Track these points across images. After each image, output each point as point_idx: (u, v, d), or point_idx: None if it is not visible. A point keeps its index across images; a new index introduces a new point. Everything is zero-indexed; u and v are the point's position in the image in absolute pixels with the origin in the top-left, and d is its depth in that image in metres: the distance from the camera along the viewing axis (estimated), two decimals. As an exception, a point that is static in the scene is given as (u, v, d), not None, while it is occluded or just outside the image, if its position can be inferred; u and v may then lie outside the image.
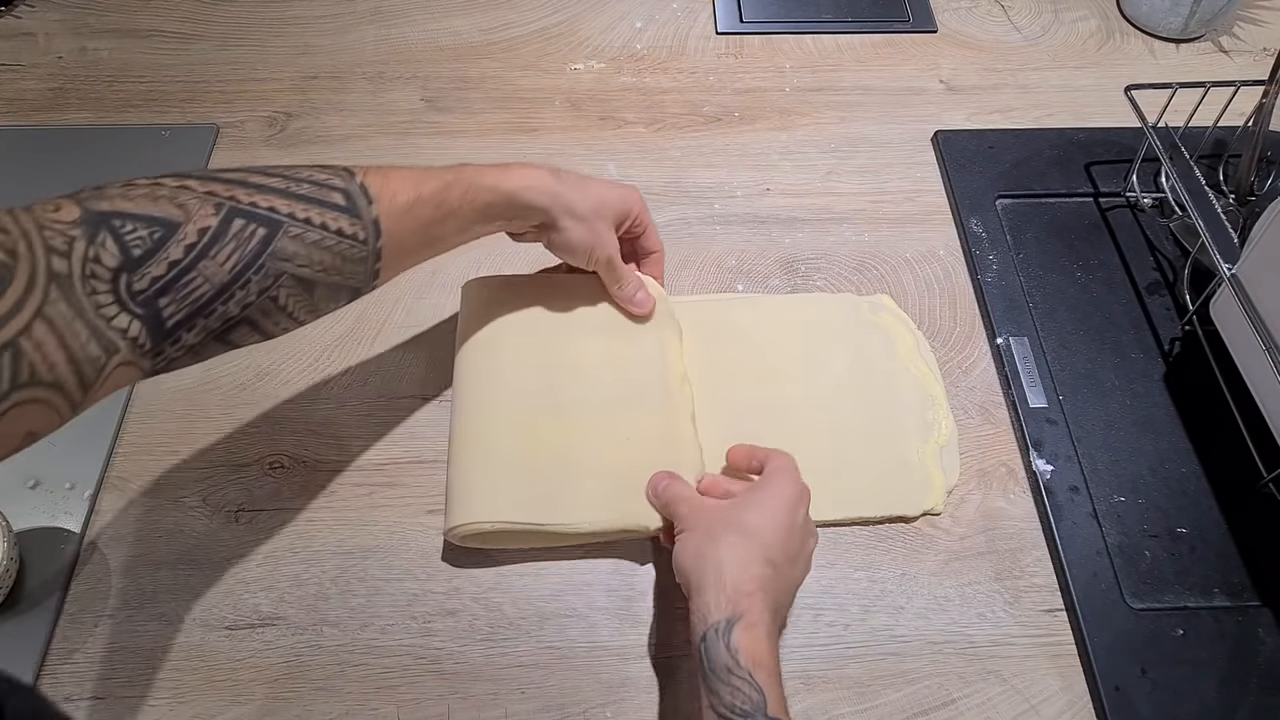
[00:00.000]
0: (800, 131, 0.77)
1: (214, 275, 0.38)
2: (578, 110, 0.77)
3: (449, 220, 0.48)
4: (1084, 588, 0.53)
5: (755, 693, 0.40)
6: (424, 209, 0.46)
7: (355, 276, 0.44)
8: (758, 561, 0.44)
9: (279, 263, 0.40)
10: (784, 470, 0.50)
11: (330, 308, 0.45)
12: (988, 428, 0.60)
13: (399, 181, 0.46)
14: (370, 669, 0.51)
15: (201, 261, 0.37)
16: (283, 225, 0.40)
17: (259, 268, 0.39)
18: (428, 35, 0.83)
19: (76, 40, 0.81)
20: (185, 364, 0.40)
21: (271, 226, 0.40)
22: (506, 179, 0.50)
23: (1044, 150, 0.74)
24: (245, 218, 0.39)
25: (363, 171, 0.45)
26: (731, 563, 0.44)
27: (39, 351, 0.31)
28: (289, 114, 0.76)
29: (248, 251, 0.39)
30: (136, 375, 0.37)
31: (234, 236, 0.38)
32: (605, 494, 0.54)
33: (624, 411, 0.57)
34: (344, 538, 0.55)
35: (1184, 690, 0.50)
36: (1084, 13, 0.87)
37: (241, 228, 0.39)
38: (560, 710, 0.50)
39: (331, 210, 0.42)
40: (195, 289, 0.37)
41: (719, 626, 0.42)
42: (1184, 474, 0.58)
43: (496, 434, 0.55)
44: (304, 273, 0.41)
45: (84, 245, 0.34)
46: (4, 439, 0.31)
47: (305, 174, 0.43)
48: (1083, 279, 0.67)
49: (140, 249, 0.36)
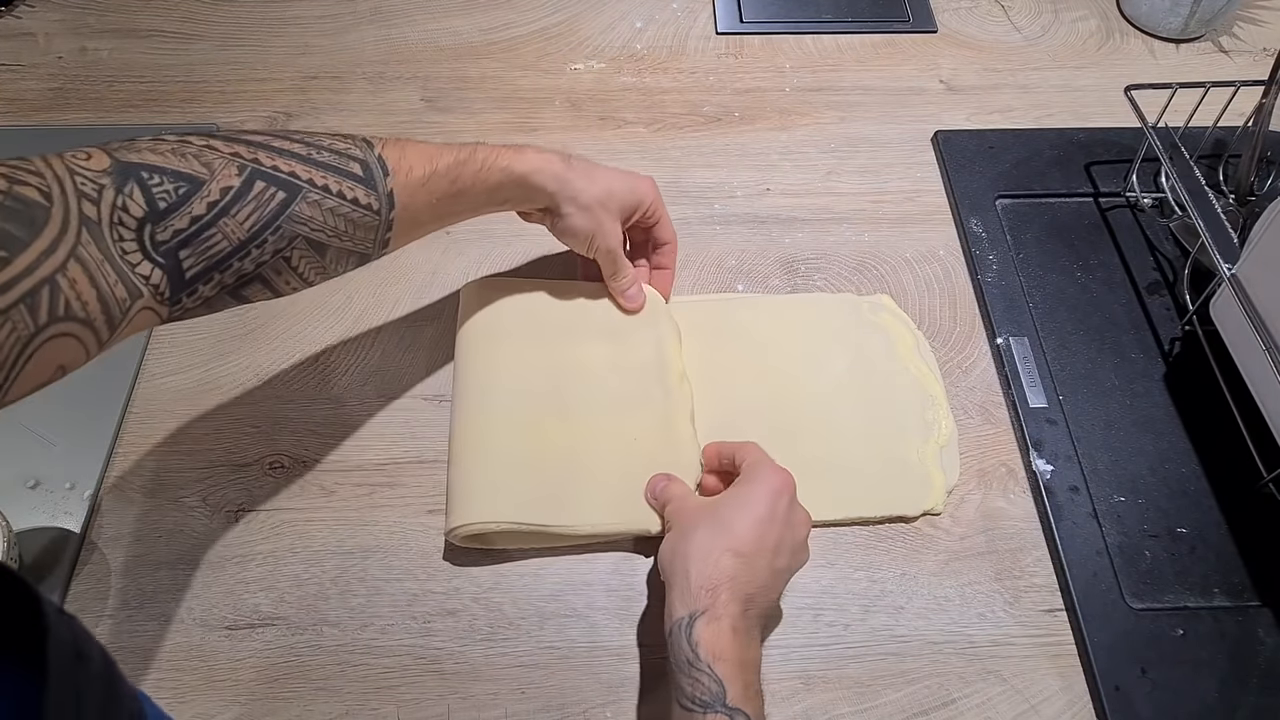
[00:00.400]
0: (800, 131, 0.77)
1: (233, 232, 0.39)
2: (578, 110, 0.77)
3: (461, 197, 0.50)
4: (1084, 588, 0.53)
5: (715, 684, 0.40)
6: (438, 184, 0.48)
7: (365, 243, 0.46)
8: (724, 554, 0.44)
9: (295, 225, 0.42)
10: (758, 464, 0.50)
11: (338, 271, 0.46)
12: (988, 428, 0.60)
13: (415, 155, 0.47)
14: (370, 669, 0.51)
15: (222, 219, 0.39)
16: (301, 190, 0.42)
17: (276, 228, 0.41)
18: (428, 35, 0.83)
19: (76, 40, 0.81)
20: (199, 314, 0.41)
21: (291, 190, 0.41)
22: (519, 161, 0.51)
23: (1044, 150, 0.74)
24: (266, 180, 0.41)
25: (381, 143, 0.46)
26: (698, 558, 0.44)
27: (73, 289, 0.33)
28: (289, 114, 0.76)
29: (266, 212, 0.40)
30: (155, 320, 0.39)
31: (255, 197, 0.40)
32: (608, 496, 0.54)
33: (625, 413, 0.57)
34: (344, 538, 0.55)
35: (1184, 690, 0.50)
36: (1084, 13, 0.87)
37: (262, 189, 0.40)
38: (560, 710, 0.50)
39: (349, 179, 0.44)
40: (214, 244, 0.39)
41: (682, 622, 0.43)
42: (1184, 474, 0.58)
43: (498, 434, 0.55)
44: (318, 236, 0.43)
45: (112, 194, 0.36)
46: (38, 370, 0.32)
47: (326, 142, 0.44)
48: (1083, 279, 0.67)
49: (165, 202, 0.37)
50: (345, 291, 0.65)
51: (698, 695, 0.41)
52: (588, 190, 0.54)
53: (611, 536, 0.54)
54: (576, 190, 0.54)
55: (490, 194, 0.51)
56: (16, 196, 0.32)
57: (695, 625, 0.42)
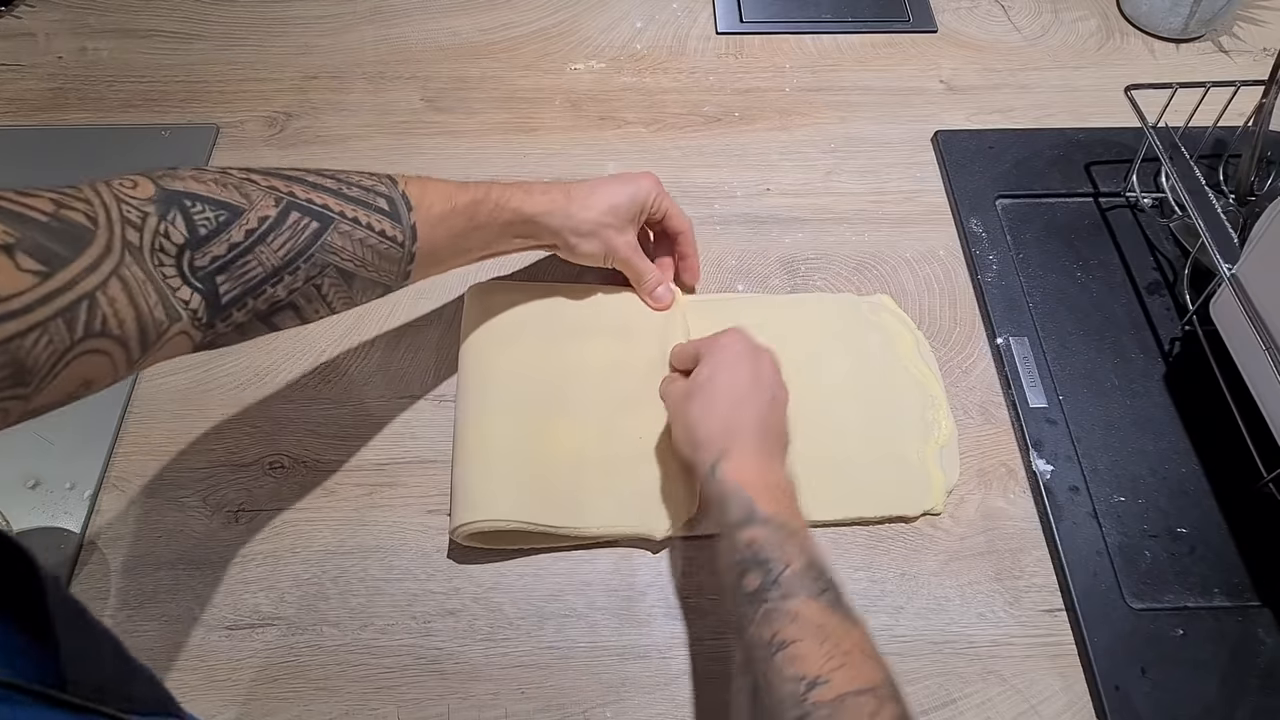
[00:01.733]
0: (800, 131, 0.77)
1: (268, 260, 0.41)
2: (578, 110, 0.77)
3: (476, 233, 0.53)
4: (1084, 588, 0.53)
5: (741, 503, 0.44)
6: (456, 220, 0.51)
7: (389, 274, 0.48)
8: (718, 408, 0.49)
9: (326, 254, 0.44)
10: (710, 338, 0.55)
11: (363, 300, 0.49)
12: (988, 428, 0.60)
13: (436, 193, 0.50)
14: (370, 669, 0.51)
15: (259, 246, 0.41)
16: (333, 222, 0.44)
17: (309, 257, 0.43)
18: (428, 35, 0.83)
19: (76, 40, 0.81)
20: (232, 341, 0.43)
21: (323, 221, 0.44)
22: (528, 203, 0.55)
23: (1044, 150, 0.74)
24: (301, 211, 0.43)
25: (404, 181, 0.49)
26: (699, 421, 0.49)
27: (112, 307, 0.34)
28: (289, 114, 0.76)
29: (301, 241, 0.43)
30: (188, 346, 0.40)
31: (290, 226, 0.42)
32: (614, 497, 0.54)
33: (629, 412, 0.57)
34: (344, 538, 0.55)
35: (1184, 690, 0.50)
36: (1084, 13, 0.87)
37: (297, 220, 0.43)
38: (560, 710, 0.50)
39: (376, 213, 0.46)
40: (250, 270, 0.41)
41: (708, 475, 0.46)
42: (1184, 474, 0.58)
43: (503, 434, 0.55)
44: (347, 266, 0.45)
45: (155, 220, 0.38)
46: (64, 383, 0.33)
47: (355, 179, 0.47)
48: (1083, 279, 0.67)
49: (206, 229, 0.39)
50: (345, 291, 0.65)
51: (731, 519, 0.44)
52: (588, 217, 0.57)
53: (616, 538, 0.54)
54: (578, 222, 0.57)
55: (502, 231, 0.55)
56: (63, 219, 0.33)
57: (718, 468, 0.46)
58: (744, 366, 0.51)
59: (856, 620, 0.40)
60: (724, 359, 0.51)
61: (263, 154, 0.73)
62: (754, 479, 0.45)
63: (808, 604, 0.40)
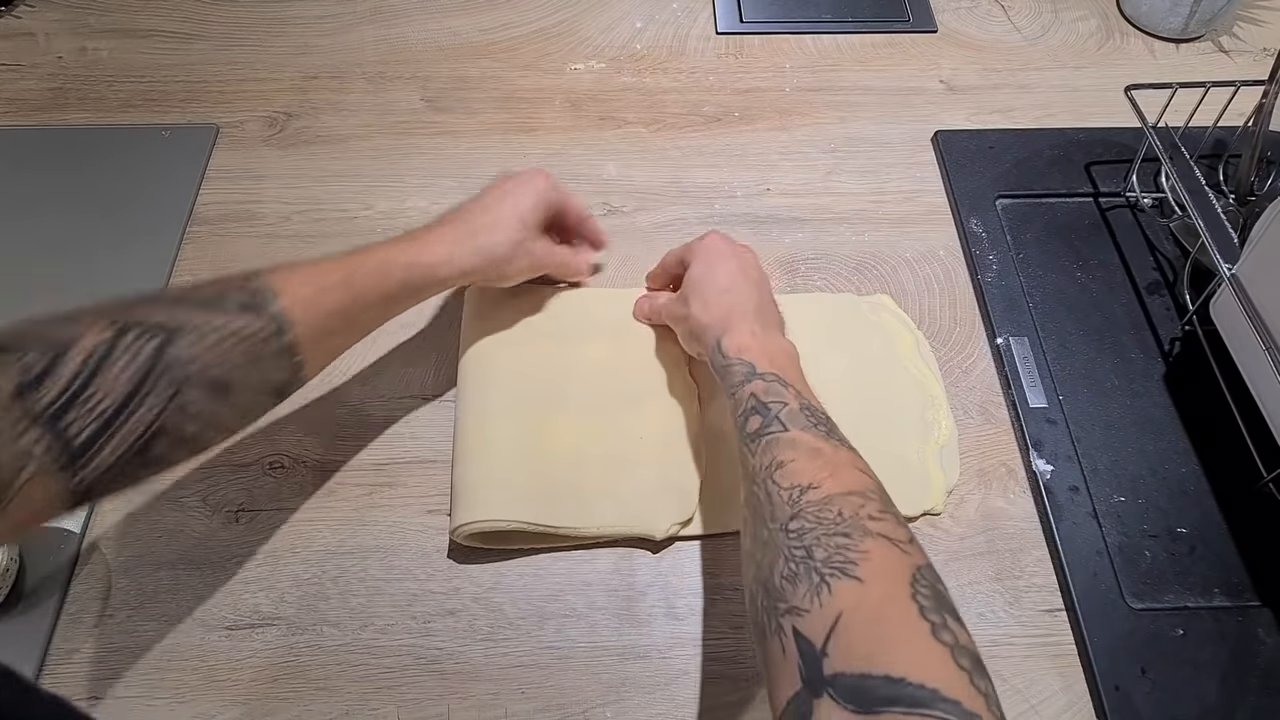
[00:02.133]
0: (800, 131, 0.77)
1: (112, 388, 0.38)
2: (578, 110, 0.77)
3: (363, 302, 0.48)
4: (1084, 588, 0.53)
5: (743, 367, 0.48)
6: (332, 295, 0.47)
7: (275, 371, 0.44)
8: (714, 295, 0.53)
9: (180, 368, 0.40)
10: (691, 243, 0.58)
11: (260, 406, 0.45)
12: (988, 428, 0.60)
13: (303, 274, 0.46)
14: (370, 669, 0.51)
15: (97, 377, 0.38)
16: (176, 332, 0.40)
17: (158, 375, 0.39)
18: (428, 35, 0.83)
19: (76, 40, 0.81)
20: (116, 486, 0.40)
21: (164, 335, 0.40)
22: (426, 252, 0.51)
23: (1044, 150, 0.74)
24: (135, 330, 0.40)
25: (265, 273, 0.45)
26: (699, 312, 0.53)
27: None
28: (289, 114, 0.76)
29: (142, 359, 0.39)
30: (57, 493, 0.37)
31: (125, 349, 0.39)
32: (614, 497, 0.54)
33: (629, 412, 0.57)
34: (344, 538, 0.55)
35: (1184, 690, 0.50)
36: (1084, 13, 0.87)
37: (133, 340, 0.39)
38: (560, 710, 0.50)
39: (228, 313, 0.42)
40: (96, 404, 0.38)
41: (713, 352, 0.51)
42: (1184, 474, 0.58)
43: (504, 433, 0.55)
44: (213, 374, 0.41)
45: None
46: None
47: (204, 286, 0.44)
48: (1083, 279, 0.67)
49: (35, 371, 0.37)
50: (345, 291, 0.65)
51: (734, 380, 0.48)
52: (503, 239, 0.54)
53: (616, 537, 0.54)
54: (493, 248, 0.54)
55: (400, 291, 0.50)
56: None
57: (721, 343, 0.50)
58: (731, 261, 0.55)
59: (850, 447, 0.44)
60: (711, 258, 0.55)
61: (263, 154, 0.73)
62: (753, 346, 0.49)
63: (802, 434, 0.44)
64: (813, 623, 0.35)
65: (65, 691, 0.49)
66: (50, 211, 0.69)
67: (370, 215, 0.70)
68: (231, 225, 0.69)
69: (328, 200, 0.71)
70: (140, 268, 0.66)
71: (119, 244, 0.68)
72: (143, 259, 0.67)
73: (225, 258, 0.67)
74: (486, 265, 0.54)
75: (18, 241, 0.68)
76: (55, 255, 0.67)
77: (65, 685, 0.50)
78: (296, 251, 0.67)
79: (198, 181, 0.71)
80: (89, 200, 0.70)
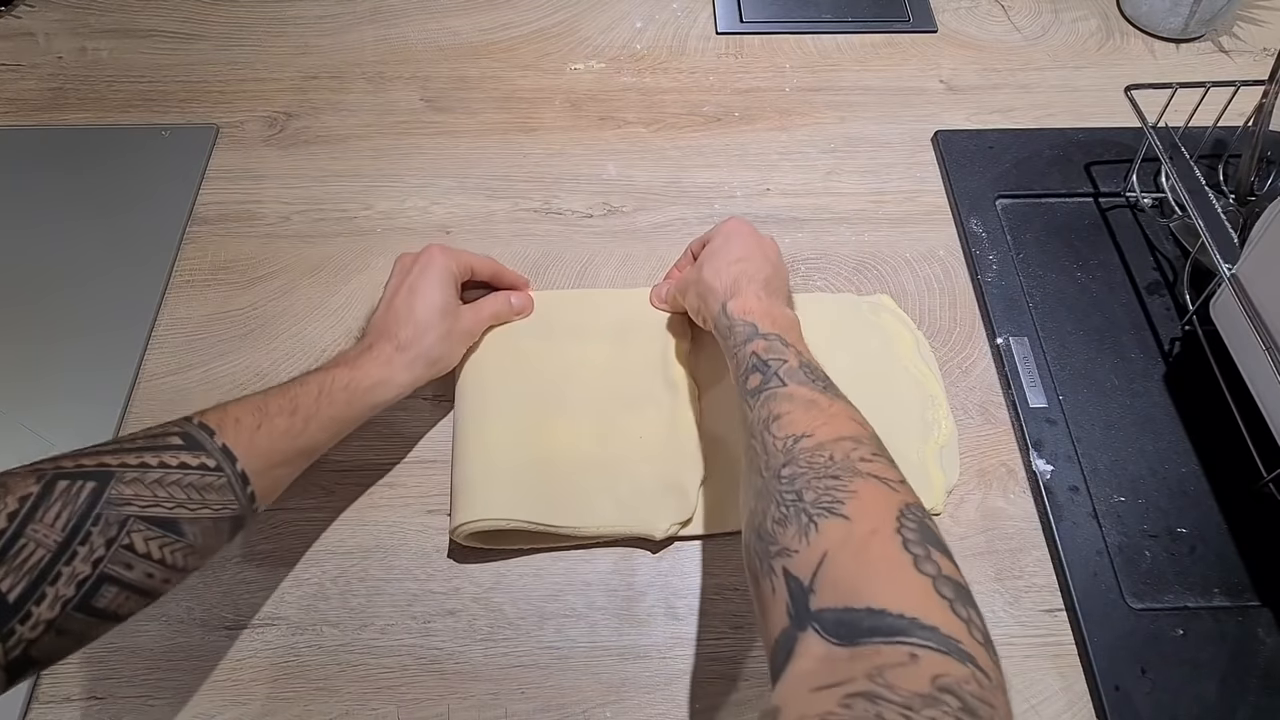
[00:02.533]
0: (800, 131, 0.77)
1: (46, 537, 0.36)
2: (578, 110, 0.77)
3: (311, 425, 0.47)
4: (1084, 588, 0.53)
5: (746, 327, 0.49)
6: (277, 422, 0.46)
7: (226, 504, 0.43)
8: (727, 264, 0.54)
9: (119, 508, 0.38)
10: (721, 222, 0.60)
11: (216, 541, 0.43)
12: (988, 428, 0.60)
13: (240, 408, 0.45)
14: (370, 669, 0.51)
15: (28, 526, 0.36)
16: (113, 474, 0.39)
17: (95, 518, 0.38)
18: (428, 35, 0.83)
19: (76, 40, 0.81)
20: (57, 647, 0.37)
21: (100, 478, 0.39)
22: (358, 375, 0.50)
23: (1044, 150, 0.74)
24: (69, 477, 0.38)
25: (198, 415, 0.44)
26: (710, 278, 0.54)
27: None
28: (289, 114, 0.76)
29: (79, 505, 0.37)
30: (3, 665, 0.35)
31: (59, 496, 0.37)
32: (614, 496, 0.54)
33: (629, 412, 0.57)
34: (344, 538, 0.55)
35: (1184, 690, 0.50)
36: (1084, 13, 0.87)
37: (66, 487, 0.38)
38: (560, 710, 0.50)
39: (168, 451, 0.41)
40: (28, 556, 0.36)
41: (719, 314, 0.52)
42: (1184, 474, 0.58)
43: (503, 433, 0.55)
44: (158, 513, 0.40)
45: None
46: None
47: (139, 434, 0.42)
48: (1083, 279, 0.67)
49: None
50: (345, 293, 0.65)
51: (736, 339, 0.49)
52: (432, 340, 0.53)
53: (616, 537, 0.54)
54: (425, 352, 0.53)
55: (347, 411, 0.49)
56: None
57: (727, 305, 0.51)
58: (749, 238, 0.57)
59: (846, 400, 0.44)
60: (730, 233, 0.57)
61: (263, 154, 0.73)
62: (757, 309, 0.50)
63: (800, 388, 0.44)
64: (801, 562, 0.36)
65: (66, 691, 0.50)
66: (50, 212, 0.69)
67: (370, 215, 0.70)
68: (231, 225, 0.69)
69: (328, 200, 0.71)
70: (140, 268, 0.66)
71: (119, 244, 0.68)
72: (143, 259, 0.67)
73: (225, 258, 0.67)
74: (426, 371, 0.53)
75: (18, 242, 0.68)
76: (55, 256, 0.67)
77: (65, 685, 0.50)
78: (296, 252, 0.67)
79: (197, 182, 0.71)
80: (89, 200, 0.70)
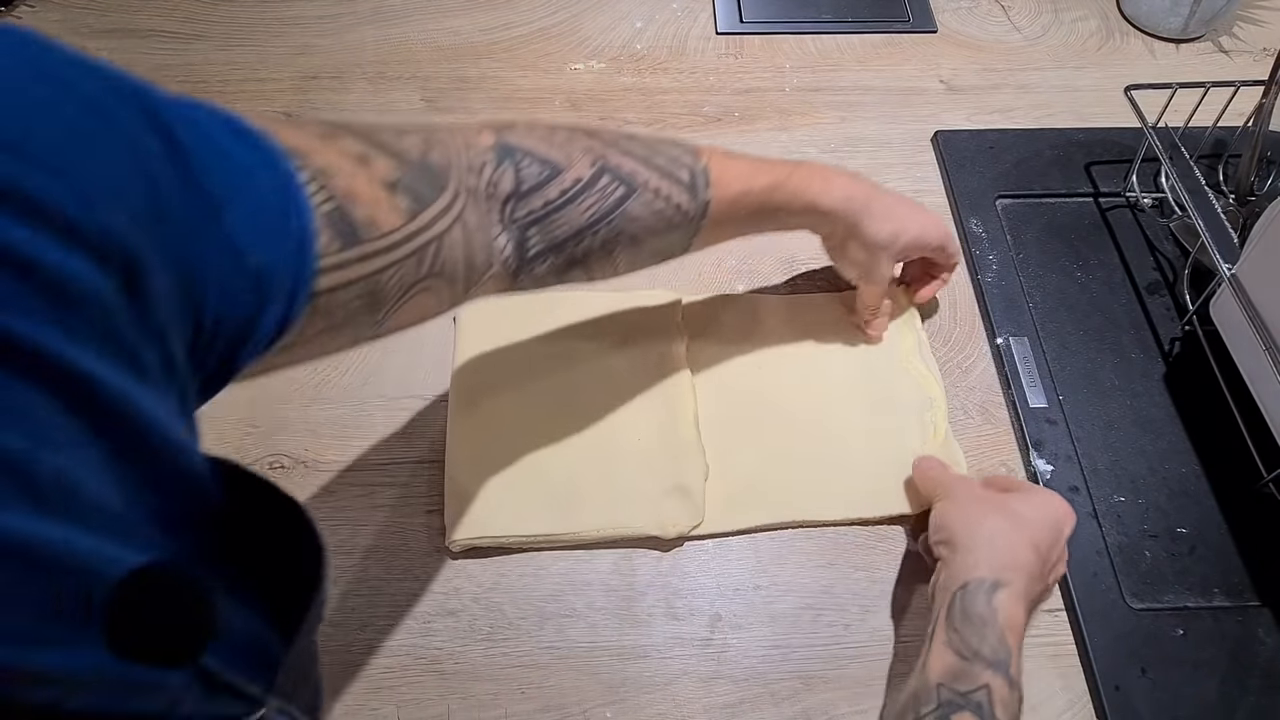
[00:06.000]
0: (800, 131, 0.77)
1: (575, 219, 0.42)
2: (578, 110, 0.77)
3: (764, 216, 0.52)
4: (1084, 588, 0.53)
5: (1004, 650, 0.43)
6: (749, 201, 0.50)
7: (674, 245, 0.49)
8: (1026, 546, 0.47)
9: (625, 222, 0.44)
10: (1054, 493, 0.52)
11: (643, 265, 0.49)
12: (988, 428, 0.60)
13: (736, 171, 0.49)
14: (370, 669, 0.51)
15: (569, 205, 0.42)
16: (637, 190, 0.44)
17: (610, 222, 0.43)
18: (428, 35, 0.83)
19: (76, 40, 0.81)
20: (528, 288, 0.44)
21: (629, 188, 0.44)
22: (825, 195, 0.53)
23: (1044, 150, 0.74)
24: (611, 175, 0.43)
25: (708, 154, 0.48)
26: (1003, 538, 0.47)
27: (451, 250, 0.36)
28: (289, 114, 0.76)
29: (606, 205, 0.43)
30: (498, 289, 0.42)
31: (599, 190, 0.43)
32: (613, 499, 0.54)
33: (629, 415, 0.57)
34: (344, 538, 0.55)
35: (1184, 690, 0.50)
36: (1084, 13, 0.87)
37: (606, 184, 0.43)
38: (560, 710, 0.50)
39: (676, 185, 0.46)
40: (558, 228, 0.42)
41: (984, 584, 0.45)
42: (1184, 474, 0.58)
43: (499, 438, 0.56)
44: (639, 233, 0.45)
45: (490, 170, 0.39)
46: (404, 315, 0.35)
47: (662, 148, 0.46)
48: (1083, 279, 0.67)
49: (528, 184, 0.40)
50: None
51: (983, 652, 0.43)
52: (878, 232, 0.55)
53: (615, 539, 0.54)
54: (866, 233, 0.55)
55: (789, 218, 0.53)
56: (428, 162, 0.35)
57: (999, 593, 0.45)
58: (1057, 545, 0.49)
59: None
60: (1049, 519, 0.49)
61: (263, 154, 0.73)
62: (1018, 624, 0.44)
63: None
64: None
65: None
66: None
67: (370, 215, 0.70)
68: (231, 225, 0.69)
69: (328, 200, 0.71)
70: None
71: (119, 244, 0.68)
72: (143, 259, 0.67)
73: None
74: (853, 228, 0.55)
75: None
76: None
77: (65, 685, 0.50)
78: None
79: (198, 181, 0.71)
80: (89, 200, 0.70)
